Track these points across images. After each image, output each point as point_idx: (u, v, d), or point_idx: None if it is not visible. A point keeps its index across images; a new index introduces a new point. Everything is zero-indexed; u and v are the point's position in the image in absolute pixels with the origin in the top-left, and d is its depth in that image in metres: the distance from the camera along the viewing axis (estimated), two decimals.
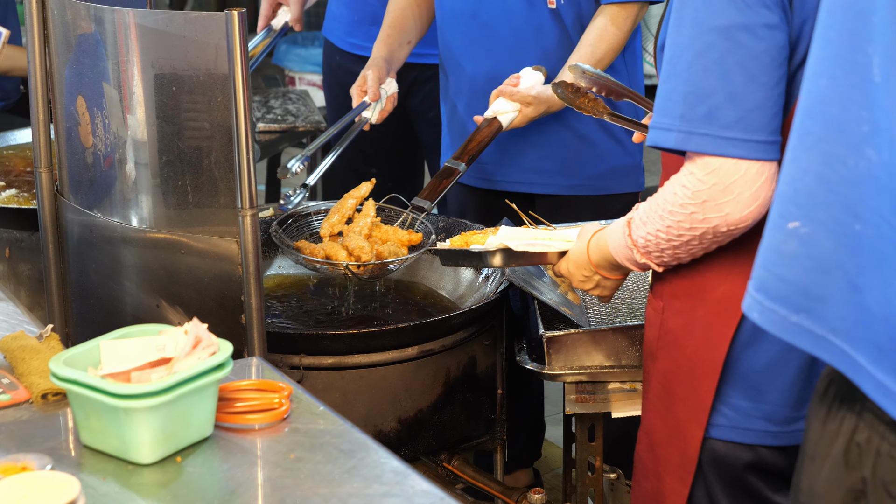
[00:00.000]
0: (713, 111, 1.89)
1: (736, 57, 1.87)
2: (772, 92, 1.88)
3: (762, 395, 2.04)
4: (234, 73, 2.19)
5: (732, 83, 1.88)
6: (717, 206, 1.91)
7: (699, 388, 2.07)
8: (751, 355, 2.03)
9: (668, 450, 2.14)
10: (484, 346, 2.82)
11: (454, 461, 2.90)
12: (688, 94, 1.91)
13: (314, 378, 2.63)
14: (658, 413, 2.16)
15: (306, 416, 1.90)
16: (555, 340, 2.54)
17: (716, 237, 1.97)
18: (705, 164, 1.91)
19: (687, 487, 2.12)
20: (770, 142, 1.89)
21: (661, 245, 2.03)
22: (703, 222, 1.94)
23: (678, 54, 1.92)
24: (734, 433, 2.07)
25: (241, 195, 2.24)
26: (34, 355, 2.03)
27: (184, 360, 1.81)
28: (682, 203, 1.95)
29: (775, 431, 2.05)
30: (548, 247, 2.36)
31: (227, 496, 1.72)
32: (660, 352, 2.14)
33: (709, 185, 1.91)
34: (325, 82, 4.12)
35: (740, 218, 1.92)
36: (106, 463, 1.77)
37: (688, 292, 2.08)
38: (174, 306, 2.37)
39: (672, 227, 1.98)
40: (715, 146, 1.89)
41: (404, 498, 1.68)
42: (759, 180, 1.90)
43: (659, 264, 2.09)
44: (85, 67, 2.43)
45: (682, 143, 1.92)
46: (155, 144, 2.34)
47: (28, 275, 3.25)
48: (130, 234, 2.42)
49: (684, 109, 1.91)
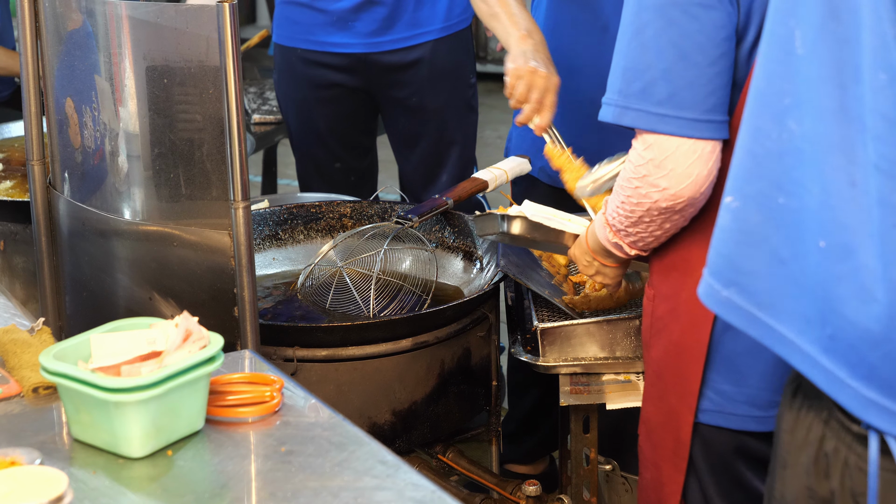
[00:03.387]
0: (647, 87, 1.93)
1: (669, 35, 1.91)
2: (705, 70, 1.91)
3: (745, 379, 2.05)
4: (226, 65, 2.18)
5: (665, 60, 1.91)
6: (655, 181, 1.95)
7: (687, 372, 2.08)
8: (731, 338, 2.05)
9: (663, 437, 2.15)
10: (478, 337, 2.82)
11: (449, 453, 2.90)
12: (626, 69, 1.96)
13: (308, 370, 2.62)
14: (653, 401, 2.17)
15: (298, 409, 1.89)
16: (549, 332, 2.54)
17: (662, 213, 1.99)
18: (643, 140, 1.96)
19: (682, 474, 2.12)
20: (702, 120, 1.92)
21: (623, 222, 2.07)
22: (645, 197, 1.98)
23: (623, 31, 1.97)
24: (720, 418, 2.08)
25: (234, 187, 2.24)
26: (25, 349, 2.02)
27: (174, 353, 1.81)
28: (628, 178, 2.00)
29: (759, 416, 2.06)
30: (563, 226, 2.37)
31: (217, 489, 1.71)
32: (652, 340, 2.15)
33: (646, 161, 1.95)
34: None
35: (675, 193, 1.95)
36: (96, 457, 1.77)
37: (673, 276, 2.11)
38: (167, 299, 2.37)
39: (625, 202, 2.03)
40: (647, 122, 1.93)
41: (395, 491, 1.68)
42: (691, 157, 1.93)
43: (630, 245, 2.12)
44: (75, 59, 2.43)
45: (619, 117, 1.97)
46: (147, 137, 2.34)
47: (23, 268, 3.25)
48: (123, 227, 2.41)
49: (622, 85, 1.96)
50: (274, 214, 3.17)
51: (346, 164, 3.86)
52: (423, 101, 3.67)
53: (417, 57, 3.65)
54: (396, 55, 3.66)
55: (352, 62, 3.68)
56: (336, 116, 3.78)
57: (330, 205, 3.21)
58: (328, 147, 3.83)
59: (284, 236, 3.17)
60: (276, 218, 3.17)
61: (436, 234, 3.10)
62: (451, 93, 3.74)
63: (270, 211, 3.18)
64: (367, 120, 3.87)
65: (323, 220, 3.20)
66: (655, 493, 2.19)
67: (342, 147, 3.85)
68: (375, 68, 3.68)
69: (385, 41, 3.66)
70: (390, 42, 3.66)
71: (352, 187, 3.86)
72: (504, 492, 2.81)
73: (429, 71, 3.66)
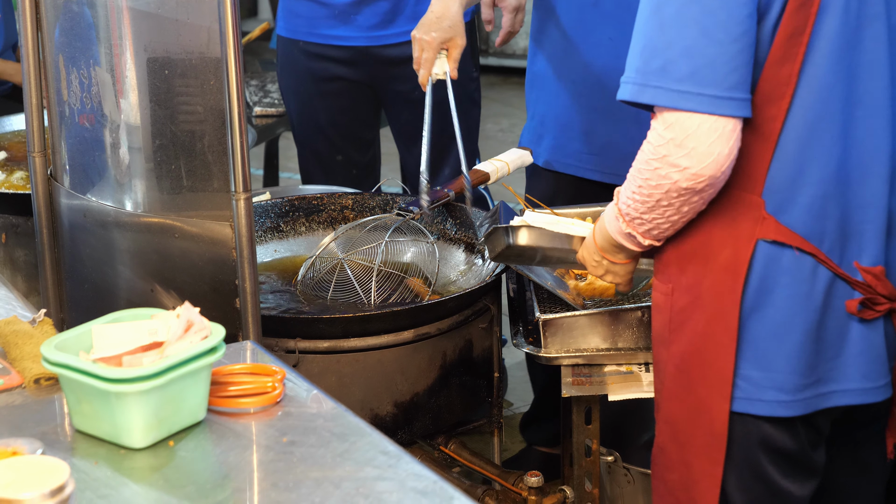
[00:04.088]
0: (667, 65, 1.92)
1: (690, 12, 1.90)
2: (728, 48, 1.90)
3: (771, 364, 2.03)
4: (227, 56, 2.17)
5: (686, 38, 1.90)
6: (676, 160, 1.93)
7: (717, 360, 2.05)
8: (756, 322, 2.02)
9: (694, 433, 2.11)
10: (480, 329, 2.81)
11: (451, 444, 2.90)
12: (645, 47, 1.95)
13: (310, 362, 2.62)
14: (677, 398, 2.13)
15: (299, 400, 1.89)
16: (551, 323, 2.54)
17: (681, 195, 1.97)
18: (664, 119, 1.94)
19: (719, 467, 2.08)
20: (724, 97, 1.91)
21: (638, 209, 2.04)
22: (665, 178, 1.96)
23: (642, 10, 1.96)
24: (749, 405, 2.05)
25: (235, 179, 2.23)
26: (27, 340, 2.02)
27: (175, 343, 1.80)
28: (647, 159, 1.98)
29: (786, 401, 2.03)
30: (569, 230, 2.36)
31: (219, 480, 1.71)
32: (673, 335, 2.11)
33: (667, 140, 1.93)
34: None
35: (696, 173, 1.93)
36: (98, 447, 1.77)
37: (693, 264, 2.07)
38: (168, 291, 2.37)
39: (643, 186, 2.00)
40: (668, 99, 1.92)
41: (397, 481, 1.67)
42: (712, 136, 1.91)
43: (644, 234, 2.08)
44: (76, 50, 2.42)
45: (637, 94, 1.95)
46: (148, 128, 2.34)
47: (24, 260, 3.25)
48: (124, 219, 2.41)
49: (640, 63, 1.95)
50: (275, 206, 3.17)
51: (348, 157, 3.86)
52: (425, 94, 3.66)
53: None
54: (398, 49, 3.67)
55: (354, 55, 3.69)
56: (338, 109, 3.79)
57: (331, 197, 3.21)
58: (330, 140, 3.84)
59: (286, 228, 3.17)
60: (277, 210, 3.17)
61: (438, 226, 3.10)
62: (453, 86, 3.73)
63: (272, 203, 3.17)
64: (369, 113, 3.87)
65: (324, 212, 3.20)
66: (686, 493, 2.14)
67: (344, 140, 3.85)
68: (377, 62, 3.68)
69: (387, 34, 3.67)
70: (392, 36, 3.67)
71: (354, 181, 3.86)
72: (506, 483, 2.81)
73: None
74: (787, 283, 1.99)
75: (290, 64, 3.82)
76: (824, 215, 1.98)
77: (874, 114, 1.97)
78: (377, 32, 3.67)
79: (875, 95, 1.97)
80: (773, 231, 1.98)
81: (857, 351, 2.03)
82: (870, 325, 2.02)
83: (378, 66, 3.70)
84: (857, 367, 2.03)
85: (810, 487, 2.11)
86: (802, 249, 1.98)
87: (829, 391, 2.04)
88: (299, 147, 3.94)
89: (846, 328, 2.02)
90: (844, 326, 2.02)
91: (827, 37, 1.93)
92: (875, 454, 2.19)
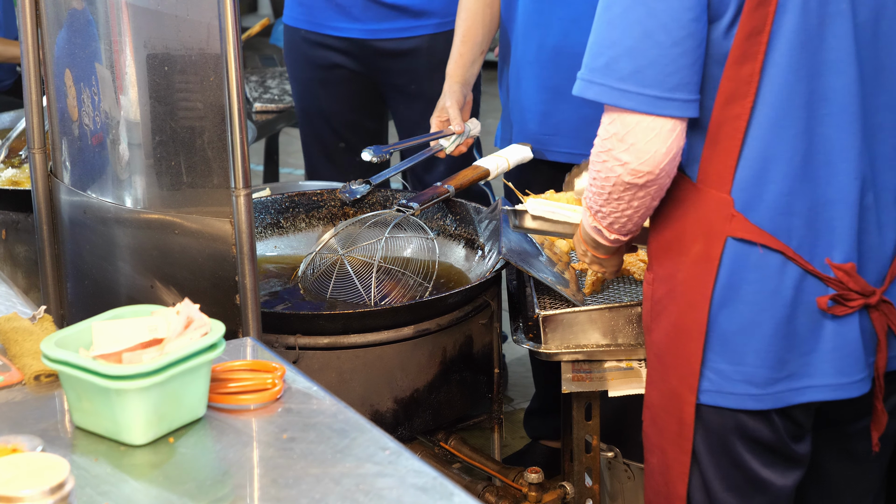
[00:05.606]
0: (611, 63, 1.96)
1: (636, 13, 1.94)
2: (668, 51, 1.93)
3: (741, 357, 2.05)
4: (227, 53, 2.17)
5: (630, 38, 1.95)
6: (618, 154, 1.99)
7: (686, 351, 2.08)
8: (726, 316, 2.05)
9: (667, 420, 2.15)
10: (480, 325, 2.81)
11: (451, 440, 2.90)
12: (593, 44, 2.00)
13: (310, 358, 2.62)
14: (655, 385, 2.17)
15: (300, 397, 1.89)
16: (551, 319, 2.54)
17: (626, 189, 2.02)
18: (609, 114, 1.99)
19: (687, 456, 2.12)
20: (664, 98, 1.94)
21: (597, 201, 2.09)
22: (610, 171, 2.01)
23: (598, 7, 2.00)
24: (719, 397, 2.08)
25: (235, 175, 2.23)
26: (27, 337, 2.02)
27: (175, 340, 1.80)
28: (597, 152, 2.03)
29: (756, 394, 2.06)
30: (568, 217, 2.39)
31: (219, 476, 1.71)
32: (653, 323, 2.16)
33: (611, 135, 1.99)
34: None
35: (635, 169, 1.98)
36: (98, 444, 1.77)
37: (668, 257, 2.11)
38: (168, 287, 2.37)
39: (596, 178, 2.05)
40: (609, 96, 1.97)
41: (397, 477, 1.68)
42: (650, 134, 1.96)
43: (608, 228, 2.14)
44: (76, 47, 2.42)
45: (584, 90, 2.00)
46: (148, 125, 2.33)
47: (25, 256, 3.25)
48: (124, 215, 2.41)
49: (589, 59, 2.00)
50: (275, 202, 3.17)
51: (352, 147, 3.86)
52: (422, 88, 3.68)
53: (415, 46, 3.68)
54: (393, 43, 3.70)
55: (351, 46, 3.74)
56: (339, 98, 3.82)
57: (331, 193, 3.21)
58: (332, 127, 3.89)
59: (286, 224, 3.17)
60: (277, 206, 3.17)
61: (437, 222, 3.10)
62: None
63: (272, 199, 3.17)
64: (373, 105, 3.90)
65: (324, 208, 3.20)
66: (662, 476, 2.19)
67: (346, 128, 3.89)
68: (374, 54, 3.72)
69: (383, 29, 3.70)
70: (389, 31, 3.69)
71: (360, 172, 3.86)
72: (506, 479, 2.81)
73: (427, 60, 3.68)
74: (754, 280, 2.02)
75: (293, 51, 3.92)
76: (790, 212, 2.00)
77: (840, 111, 1.98)
78: (375, 26, 3.69)
79: (841, 93, 1.98)
80: (742, 229, 2.01)
81: (831, 347, 2.04)
82: (843, 321, 2.03)
83: (376, 59, 3.74)
84: (831, 362, 2.05)
85: (793, 477, 2.13)
86: (769, 247, 1.99)
87: (802, 386, 2.06)
88: (303, 135, 3.99)
89: (819, 324, 2.03)
90: (817, 322, 2.03)
91: (786, 36, 1.94)
92: (868, 446, 2.20)
